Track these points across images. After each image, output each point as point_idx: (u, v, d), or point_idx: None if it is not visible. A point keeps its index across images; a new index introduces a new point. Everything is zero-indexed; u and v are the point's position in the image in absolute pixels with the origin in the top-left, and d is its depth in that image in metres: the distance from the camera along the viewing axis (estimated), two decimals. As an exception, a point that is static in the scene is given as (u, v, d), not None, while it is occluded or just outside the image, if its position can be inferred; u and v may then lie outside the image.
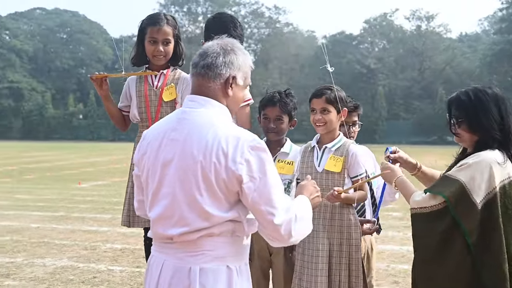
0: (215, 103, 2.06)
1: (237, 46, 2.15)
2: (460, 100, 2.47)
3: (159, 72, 3.38)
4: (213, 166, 1.93)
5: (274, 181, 1.98)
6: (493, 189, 2.34)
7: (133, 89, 3.38)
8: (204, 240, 1.98)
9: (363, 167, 3.08)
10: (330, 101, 3.05)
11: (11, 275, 5.92)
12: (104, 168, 20.94)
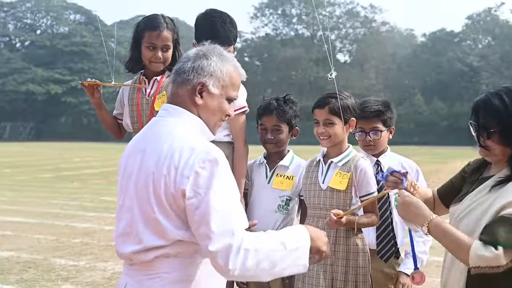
0: (184, 112, 1.93)
1: (214, 51, 1.97)
2: (490, 104, 2.02)
3: (152, 78, 3.19)
4: (163, 179, 1.78)
5: (221, 200, 1.73)
6: None
7: (126, 96, 3.22)
8: (160, 261, 1.82)
9: (374, 185, 2.73)
10: (335, 112, 2.73)
11: (70, 279, 6.06)
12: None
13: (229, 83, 1.98)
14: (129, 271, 1.91)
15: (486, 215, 1.94)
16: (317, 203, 2.76)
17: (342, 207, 2.68)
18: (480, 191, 2.07)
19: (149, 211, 1.80)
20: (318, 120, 2.80)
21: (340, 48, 70.74)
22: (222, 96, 1.97)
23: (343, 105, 2.70)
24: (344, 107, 2.71)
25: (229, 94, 1.99)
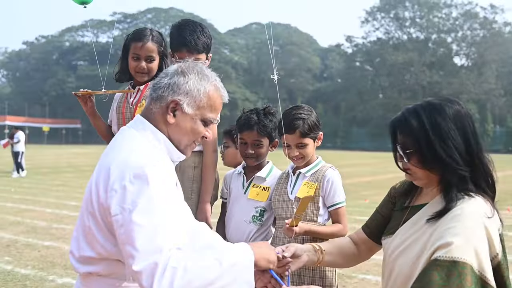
0: (150, 127, 1.86)
1: (194, 68, 1.90)
2: (407, 123, 1.79)
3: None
4: (97, 190, 1.73)
5: (148, 217, 1.63)
6: (496, 256, 1.68)
7: (115, 105, 3.30)
8: (94, 279, 1.80)
9: (341, 195, 2.80)
10: (305, 134, 2.76)
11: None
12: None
13: (206, 104, 1.88)
14: (78, 278, 1.92)
15: (422, 256, 1.71)
16: (284, 213, 2.80)
17: (310, 217, 2.74)
18: (414, 223, 1.84)
19: (85, 219, 1.78)
20: (290, 144, 2.80)
21: (457, 51, 71.07)
22: (196, 116, 1.87)
23: (310, 124, 2.75)
24: (312, 126, 2.77)
25: (205, 116, 1.88)
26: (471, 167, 1.77)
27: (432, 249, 1.69)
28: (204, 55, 3.02)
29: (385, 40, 71.79)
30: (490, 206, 1.77)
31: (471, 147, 1.78)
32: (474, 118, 1.84)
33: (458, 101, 1.85)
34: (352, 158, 36.38)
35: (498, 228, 1.74)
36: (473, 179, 1.78)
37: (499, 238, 1.73)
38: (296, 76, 74.89)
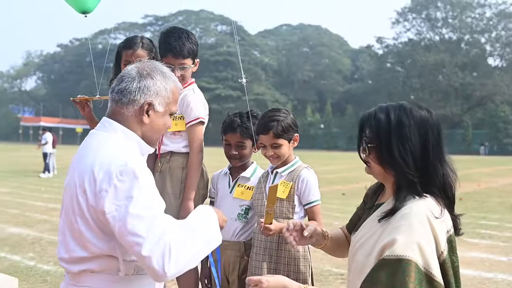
0: (119, 127, 1.98)
1: (157, 69, 2.04)
2: (375, 118, 1.86)
3: None
4: (84, 192, 1.83)
5: (142, 207, 1.79)
6: (441, 254, 1.74)
7: None
8: (86, 275, 1.91)
9: (316, 194, 2.93)
10: (279, 135, 2.88)
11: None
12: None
13: (172, 99, 2.06)
14: (65, 277, 2.01)
15: (372, 254, 1.79)
16: (262, 211, 2.92)
17: (285, 215, 2.87)
18: (373, 220, 1.92)
19: (73, 222, 1.87)
20: (265, 144, 2.94)
21: (491, 51, 70.21)
22: (166, 112, 2.05)
23: (284, 126, 2.87)
24: (286, 127, 2.88)
25: (172, 110, 2.08)
26: (423, 174, 1.82)
27: (379, 247, 1.76)
28: (190, 60, 3.12)
29: (417, 41, 71.24)
30: (441, 208, 1.81)
31: (428, 155, 1.82)
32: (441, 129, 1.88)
33: (430, 110, 1.90)
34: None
35: (447, 230, 1.80)
36: (424, 185, 1.83)
37: (447, 238, 1.78)
38: (326, 77, 75.00)
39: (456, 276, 1.81)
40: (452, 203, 1.89)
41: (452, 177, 1.89)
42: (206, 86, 70.10)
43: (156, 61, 2.14)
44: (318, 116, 66.95)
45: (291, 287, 1.97)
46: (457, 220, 1.92)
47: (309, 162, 3.14)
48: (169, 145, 3.14)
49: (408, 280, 1.65)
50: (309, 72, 75.90)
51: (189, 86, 3.14)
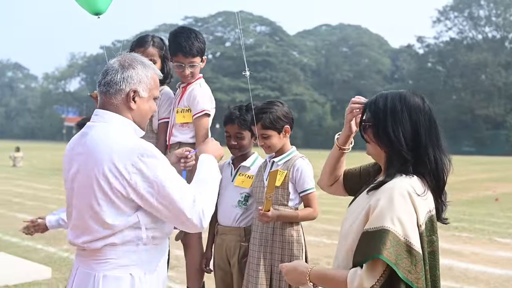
0: (115, 116, 2.22)
1: (136, 60, 2.29)
2: (375, 103, 2.07)
3: None
4: (107, 179, 2.07)
5: (170, 180, 2.12)
6: (419, 226, 1.90)
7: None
8: (108, 249, 2.14)
9: (310, 182, 3.08)
10: (267, 126, 3.06)
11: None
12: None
13: (153, 86, 2.31)
14: (81, 257, 2.24)
15: (356, 220, 1.98)
16: (260, 197, 3.11)
17: (280, 202, 3.05)
18: (363, 194, 2.10)
19: (94, 206, 2.10)
20: (256, 134, 3.13)
21: None
22: (150, 97, 2.30)
23: (273, 118, 3.04)
24: (275, 119, 3.05)
25: (155, 94, 2.34)
26: (415, 155, 1.98)
27: (361, 216, 1.95)
28: (199, 58, 3.29)
29: (459, 40, 70.10)
30: (425, 189, 1.95)
31: (420, 139, 1.98)
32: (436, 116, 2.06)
33: (424, 98, 2.07)
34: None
35: (428, 210, 1.95)
36: (414, 166, 1.98)
37: (428, 217, 1.93)
38: (365, 77, 74.36)
39: (434, 255, 1.96)
40: (440, 188, 2.05)
41: (445, 165, 2.04)
42: (245, 87, 69.52)
43: (135, 53, 2.40)
44: (357, 117, 65.54)
45: (300, 267, 2.12)
46: (443, 207, 2.07)
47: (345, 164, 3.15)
48: (177, 136, 3.31)
49: (382, 247, 1.81)
50: (348, 72, 75.45)
51: (196, 81, 3.30)
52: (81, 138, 2.25)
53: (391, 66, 78.27)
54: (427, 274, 1.90)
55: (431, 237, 1.96)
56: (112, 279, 2.14)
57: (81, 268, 2.22)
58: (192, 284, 3.32)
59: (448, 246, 8.13)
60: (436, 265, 1.98)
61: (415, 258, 1.84)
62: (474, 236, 9.20)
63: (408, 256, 1.83)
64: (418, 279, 1.84)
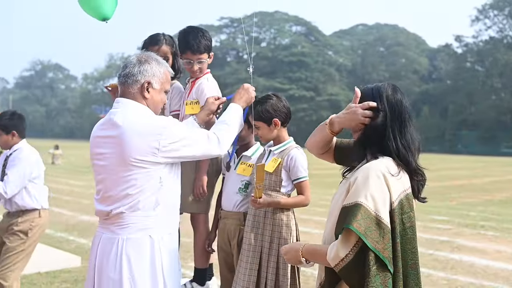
0: (132, 102, 2.64)
1: (151, 57, 2.72)
2: (365, 89, 2.41)
3: None
4: (137, 151, 2.51)
5: (191, 134, 2.70)
6: (392, 203, 2.08)
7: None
8: (130, 215, 2.54)
9: (303, 171, 3.29)
10: (256, 118, 3.30)
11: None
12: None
13: (165, 80, 2.73)
14: (104, 225, 2.65)
15: (339, 200, 2.20)
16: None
17: (273, 187, 3.27)
18: (350, 173, 2.32)
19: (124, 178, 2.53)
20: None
21: None
22: (161, 90, 2.73)
23: (261, 110, 3.27)
24: (262, 111, 3.27)
25: (166, 88, 2.76)
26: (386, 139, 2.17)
27: (343, 195, 2.15)
28: (206, 55, 3.50)
29: (498, 39, 67.99)
30: (399, 170, 2.15)
31: (392, 125, 2.18)
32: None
33: (397, 90, 2.29)
34: (455, 162, 35.55)
35: (404, 189, 2.14)
36: (387, 150, 2.17)
37: (403, 195, 2.12)
38: (402, 77, 72.73)
39: (413, 229, 2.16)
40: (410, 169, 2.22)
41: (412, 150, 2.23)
42: (280, 87, 70.15)
43: (151, 52, 2.86)
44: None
45: (295, 246, 2.33)
46: (419, 187, 2.28)
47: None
48: None
49: (353, 220, 2.02)
50: (384, 72, 74.03)
51: (204, 76, 3.52)
52: (106, 123, 2.66)
53: (428, 66, 76.51)
54: (397, 246, 2.07)
55: (409, 213, 2.15)
56: (134, 241, 2.52)
57: (105, 235, 2.59)
58: (198, 263, 3.55)
59: (472, 244, 8.22)
60: (415, 238, 2.16)
61: (383, 231, 2.03)
62: (500, 235, 9.19)
63: (377, 229, 2.02)
64: (385, 249, 2.02)
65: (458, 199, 14.17)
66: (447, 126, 59.95)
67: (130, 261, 2.51)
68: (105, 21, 3.43)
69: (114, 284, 2.51)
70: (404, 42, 77.12)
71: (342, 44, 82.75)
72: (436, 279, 6.20)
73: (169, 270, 2.60)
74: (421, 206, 9.68)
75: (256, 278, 3.19)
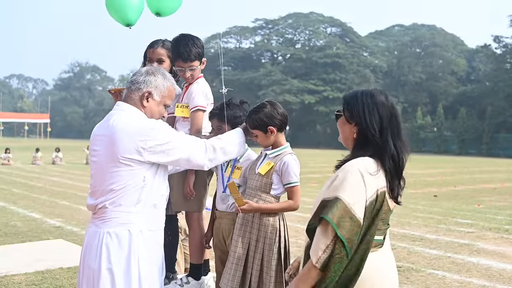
0: (130, 107, 2.85)
1: (159, 71, 2.96)
2: (351, 96, 2.47)
3: None
4: (125, 151, 2.70)
5: (179, 138, 2.86)
6: (366, 200, 2.26)
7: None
8: (112, 210, 2.73)
9: (294, 176, 3.41)
10: (252, 127, 3.43)
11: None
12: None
13: (167, 95, 2.94)
14: (92, 219, 2.84)
15: (321, 195, 2.37)
16: (250, 184, 3.52)
17: (263, 189, 3.42)
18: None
19: (111, 174, 2.73)
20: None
21: None
22: (161, 102, 2.93)
23: (256, 119, 3.40)
24: (257, 121, 3.39)
25: (166, 102, 2.96)
26: (379, 141, 2.34)
27: (323, 189, 2.35)
28: (197, 62, 3.70)
29: (541, 39, 66.43)
30: (378, 169, 2.33)
31: (384, 129, 2.36)
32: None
33: (388, 95, 2.46)
34: (490, 165, 34.76)
35: (378, 188, 2.30)
36: (377, 151, 2.35)
37: (377, 193, 2.29)
38: (439, 79, 72.17)
39: (386, 221, 2.40)
40: (398, 172, 2.41)
41: (403, 153, 2.41)
42: (314, 88, 70.56)
43: (160, 67, 3.15)
44: (429, 119, 64.81)
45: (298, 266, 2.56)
46: (399, 190, 2.43)
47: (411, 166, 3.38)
48: (179, 128, 3.73)
49: (329, 211, 2.22)
50: (421, 74, 73.24)
51: (196, 80, 3.71)
52: (103, 123, 2.89)
53: (466, 67, 75.31)
54: (362, 238, 2.26)
55: (380, 210, 2.30)
56: (114, 234, 2.71)
57: (91, 229, 2.80)
58: (193, 259, 3.75)
59: (492, 248, 8.16)
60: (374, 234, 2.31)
61: (354, 224, 2.21)
62: (523, 239, 9.14)
63: (349, 221, 2.21)
64: (350, 241, 2.20)
65: (487, 202, 14.00)
66: (484, 128, 58.59)
67: (109, 253, 2.68)
68: (129, 26, 3.60)
69: (94, 274, 2.70)
70: (442, 43, 75.81)
71: (378, 45, 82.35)
72: (449, 282, 6.22)
73: (146, 264, 2.75)
74: (447, 210, 9.92)
75: (242, 273, 3.37)
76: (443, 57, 74.65)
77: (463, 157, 50.30)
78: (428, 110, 69.35)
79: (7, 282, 5.70)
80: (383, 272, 2.38)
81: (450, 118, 63.40)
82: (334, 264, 2.19)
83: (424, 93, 72.70)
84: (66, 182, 17.65)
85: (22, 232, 8.61)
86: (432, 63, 75.18)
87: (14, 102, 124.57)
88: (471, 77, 75.95)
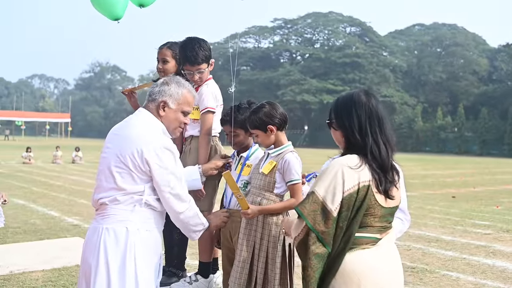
0: (148, 115, 2.98)
1: (173, 80, 3.07)
2: (335, 103, 2.66)
3: None
4: (131, 153, 2.79)
5: (175, 171, 2.87)
6: (344, 192, 2.38)
7: None
8: (112, 207, 2.83)
9: (296, 174, 3.46)
10: (252, 127, 3.53)
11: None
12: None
13: (182, 101, 3.03)
14: (95, 216, 2.95)
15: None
16: (254, 183, 3.58)
17: (267, 187, 3.49)
18: None
19: (115, 174, 2.82)
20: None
21: None
22: (178, 110, 3.02)
23: (255, 119, 3.48)
24: (256, 121, 3.48)
25: (184, 109, 3.04)
26: (361, 139, 2.46)
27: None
28: (205, 64, 3.77)
29: None
30: (360, 164, 2.43)
31: (363, 127, 2.47)
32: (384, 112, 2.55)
33: (372, 95, 2.56)
34: (511, 166, 34.57)
35: (359, 181, 2.39)
36: (360, 148, 2.47)
37: (358, 186, 2.38)
38: (459, 78, 71.52)
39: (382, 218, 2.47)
40: (384, 168, 2.49)
41: (385, 147, 2.50)
42: (333, 88, 70.20)
43: (178, 76, 3.20)
44: (449, 119, 64.17)
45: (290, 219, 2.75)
46: (387, 184, 2.49)
47: (431, 167, 3.33)
48: (189, 130, 3.84)
49: (301, 204, 2.42)
50: (441, 74, 72.75)
51: (206, 82, 3.78)
52: (121, 124, 3.01)
53: (488, 66, 74.12)
54: (340, 230, 2.38)
55: (362, 203, 2.40)
56: (112, 230, 2.80)
57: (93, 224, 2.90)
58: (202, 257, 3.82)
59: (509, 250, 8.10)
60: (357, 225, 2.42)
61: (326, 216, 2.37)
62: (543, 240, 9.03)
63: (321, 213, 2.37)
64: (324, 232, 2.37)
65: (506, 204, 13.84)
66: (506, 129, 57.89)
67: (106, 249, 2.77)
68: (117, 21, 3.62)
69: (91, 269, 2.78)
70: (463, 42, 75.19)
71: (398, 45, 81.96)
72: (463, 283, 6.21)
73: (142, 262, 2.82)
74: (465, 211, 9.92)
75: (249, 271, 3.43)
76: (464, 56, 73.95)
77: (484, 158, 49.65)
78: (449, 110, 68.71)
79: (25, 279, 5.82)
80: (376, 270, 2.42)
81: (471, 118, 62.69)
82: (313, 256, 2.34)
83: (445, 93, 72.00)
84: (85, 181, 17.84)
85: (40, 230, 8.78)
86: (453, 63, 74.54)
87: (36, 102, 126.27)
88: (493, 77, 74.76)
